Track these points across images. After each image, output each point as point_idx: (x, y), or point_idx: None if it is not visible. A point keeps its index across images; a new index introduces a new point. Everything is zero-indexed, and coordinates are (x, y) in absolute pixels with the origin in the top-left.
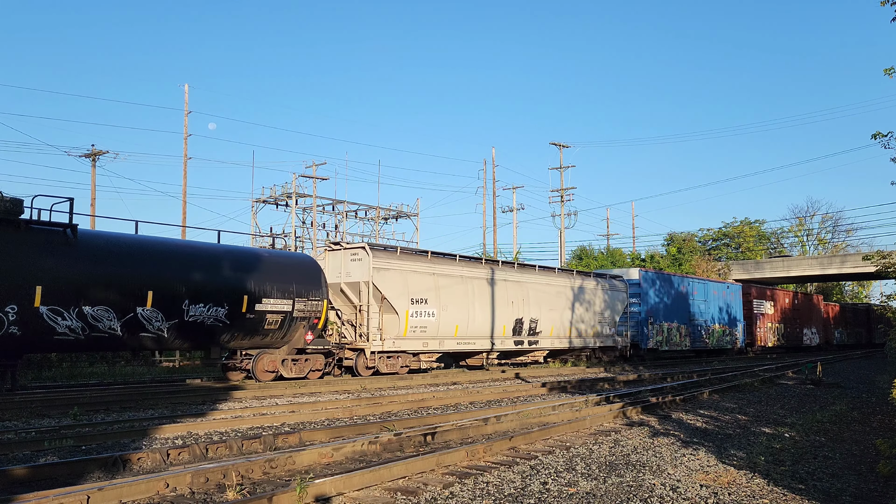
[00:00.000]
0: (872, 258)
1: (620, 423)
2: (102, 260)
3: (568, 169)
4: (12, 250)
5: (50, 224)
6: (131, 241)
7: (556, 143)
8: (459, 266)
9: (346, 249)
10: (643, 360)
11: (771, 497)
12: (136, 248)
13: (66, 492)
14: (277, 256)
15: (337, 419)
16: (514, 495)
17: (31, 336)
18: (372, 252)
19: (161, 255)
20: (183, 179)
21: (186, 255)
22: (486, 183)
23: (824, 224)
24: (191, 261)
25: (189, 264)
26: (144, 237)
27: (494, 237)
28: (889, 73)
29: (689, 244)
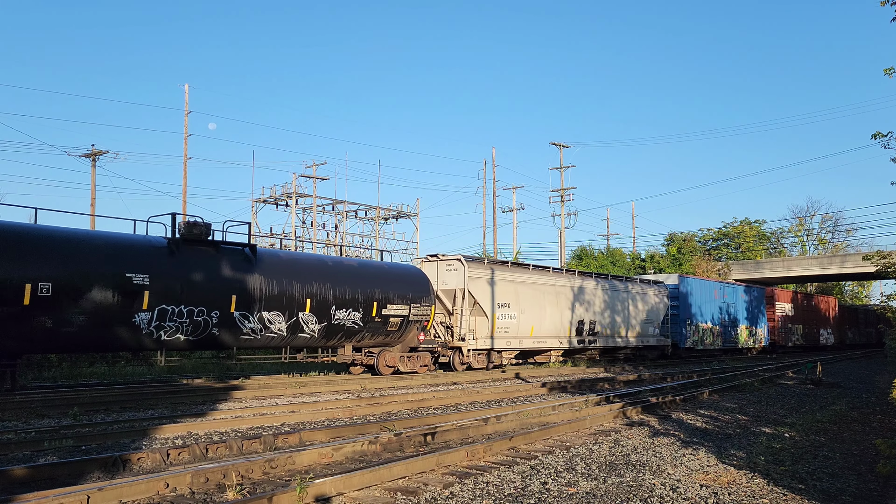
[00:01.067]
0: (872, 258)
1: (620, 423)
2: (274, 274)
3: (568, 169)
4: (214, 266)
5: (235, 244)
6: (293, 257)
7: (556, 143)
8: (533, 274)
9: (441, 261)
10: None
11: (771, 497)
12: (297, 263)
13: (66, 492)
14: (396, 268)
15: (337, 419)
16: (514, 495)
17: (226, 335)
18: (466, 263)
19: (315, 269)
20: (183, 179)
21: (333, 268)
22: (486, 183)
23: (824, 224)
24: (336, 273)
25: (335, 276)
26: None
27: (494, 237)
28: (889, 73)
29: (689, 244)
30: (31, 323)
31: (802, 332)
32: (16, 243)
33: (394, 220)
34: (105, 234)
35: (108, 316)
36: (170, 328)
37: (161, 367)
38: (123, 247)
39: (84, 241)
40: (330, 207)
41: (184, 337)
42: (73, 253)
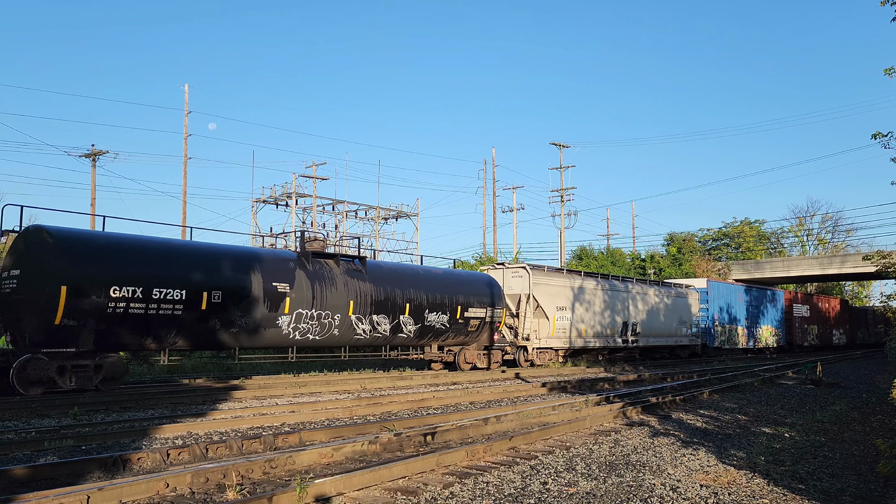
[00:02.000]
0: (872, 258)
1: (620, 423)
2: (380, 282)
3: (568, 169)
4: (335, 276)
5: (349, 256)
6: (394, 267)
7: (556, 143)
8: (585, 280)
9: (508, 268)
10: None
11: (771, 497)
12: (397, 272)
13: (66, 492)
14: (474, 276)
15: (337, 419)
16: (514, 495)
17: (344, 335)
18: (531, 271)
19: (411, 278)
20: (183, 179)
21: (424, 276)
22: (486, 183)
23: (824, 224)
24: (427, 281)
25: (427, 284)
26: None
27: (494, 237)
28: (889, 73)
29: (689, 244)
30: (207, 324)
31: (817, 332)
32: (197, 259)
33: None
34: (253, 249)
35: (260, 319)
36: (303, 329)
37: (161, 367)
38: (269, 260)
39: (239, 255)
40: (330, 207)
41: (312, 336)
42: (233, 266)
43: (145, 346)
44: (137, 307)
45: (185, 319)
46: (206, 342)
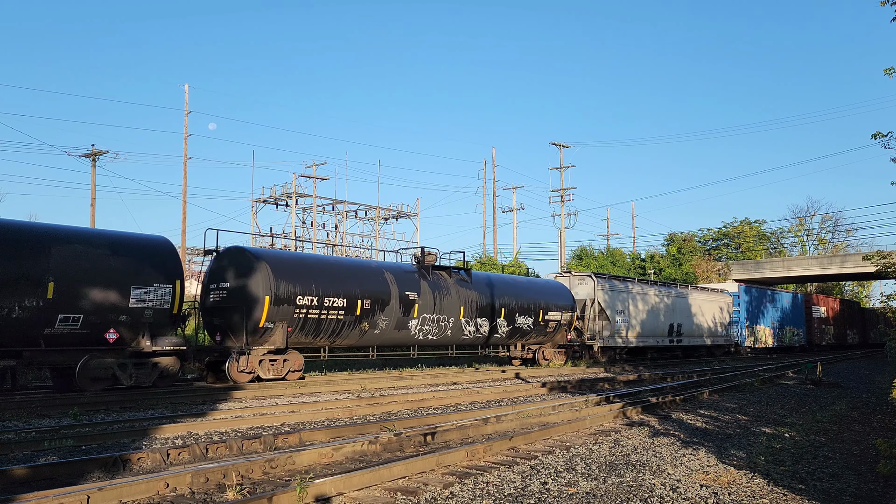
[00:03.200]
0: (872, 258)
1: (620, 423)
2: (482, 289)
3: (568, 169)
4: (448, 285)
5: (458, 268)
6: (492, 277)
7: (556, 143)
8: (638, 286)
9: (574, 276)
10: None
11: (771, 497)
12: (495, 281)
13: (66, 492)
14: (549, 283)
15: (337, 419)
16: (514, 495)
17: (455, 336)
18: (595, 278)
19: (506, 285)
20: (183, 179)
21: (513, 284)
22: (486, 183)
23: (824, 224)
24: (517, 288)
25: (517, 290)
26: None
27: (494, 237)
28: (889, 73)
29: (689, 244)
30: (359, 326)
31: (833, 332)
32: (352, 272)
33: (394, 220)
34: (388, 263)
35: (397, 322)
36: (425, 330)
37: None
38: (400, 272)
39: (380, 269)
40: (330, 207)
41: (431, 336)
42: (376, 278)
43: (315, 344)
44: (313, 313)
45: (344, 322)
46: (359, 341)
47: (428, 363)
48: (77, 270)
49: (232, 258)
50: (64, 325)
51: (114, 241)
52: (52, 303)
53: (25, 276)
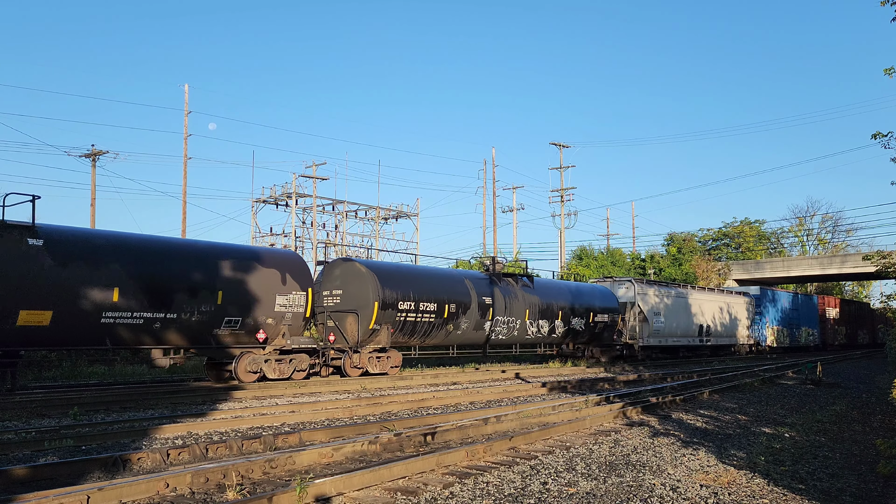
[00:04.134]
0: (872, 258)
1: (620, 423)
2: (543, 294)
3: (568, 169)
4: (515, 291)
5: (522, 275)
6: (551, 282)
7: (556, 143)
8: (672, 289)
9: (616, 281)
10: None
11: (771, 497)
12: (552, 286)
13: (66, 492)
14: (596, 287)
15: (337, 419)
16: (514, 495)
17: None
18: (636, 283)
19: (561, 290)
20: (183, 179)
21: (568, 289)
22: (486, 183)
23: (824, 224)
24: (571, 293)
25: (571, 294)
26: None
27: (494, 237)
28: (889, 73)
29: (689, 244)
30: (446, 327)
31: (845, 332)
32: (440, 280)
33: (394, 220)
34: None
35: (475, 323)
36: (497, 331)
37: (161, 367)
38: (476, 279)
39: (462, 276)
40: (330, 207)
41: (502, 337)
42: (459, 284)
43: (409, 343)
44: (411, 316)
45: (434, 324)
46: (444, 341)
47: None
48: (237, 281)
49: (343, 268)
50: (227, 326)
51: (262, 256)
52: (220, 308)
53: (204, 286)
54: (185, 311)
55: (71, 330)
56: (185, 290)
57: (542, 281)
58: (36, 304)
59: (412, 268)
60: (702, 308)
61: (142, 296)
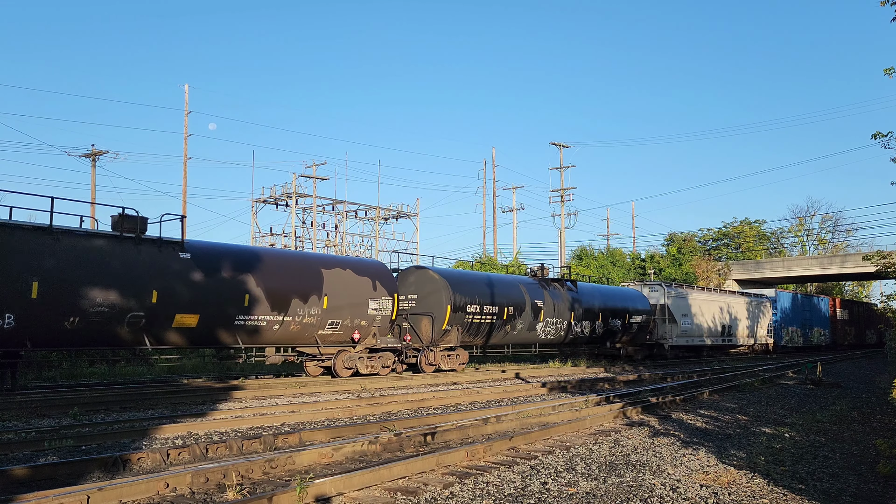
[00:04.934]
0: (872, 258)
1: (620, 423)
2: (585, 297)
3: (568, 169)
4: (562, 295)
5: (566, 280)
6: (592, 286)
7: (556, 143)
8: (698, 293)
9: (646, 285)
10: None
11: (771, 497)
12: (594, 290)
13: (66, 492)
14: (632, 292)
15: (337, 419)
16: (514, 495)
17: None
18: (665, 287)
19: (601, 294)
20: (183, 179)
21: (607, 292)
22: (486, 183)
23: (824, 224)
24: (609, 296)
25: (609, 298)
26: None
27: (494, 237)
28: (889, 73)
29: (689, 244)
30: (504, 328)
31: (854, 332)
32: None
33: (394, 220)
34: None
35: (528, 324)
36: (547, 331)
37: (161, 367)
38: (528, 285)
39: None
40: (330, 207)
41: (550, 336)
42: (515, 289)
43: (473, 342)
44: (476, 318)
45: (495, 325)
46: (502, 340)
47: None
48: (339, 288)
49: (417, 275)
50: (330, 327)
51: (357, 266)
52: (326, 312)
53: (313, 292)
54: (298, 314)
55: (212, 331)
56: (299, 296)
57: (584, 285)
58: (187, 308)
59: (477, 274)
60: (724, 310)
61: (265, 301)
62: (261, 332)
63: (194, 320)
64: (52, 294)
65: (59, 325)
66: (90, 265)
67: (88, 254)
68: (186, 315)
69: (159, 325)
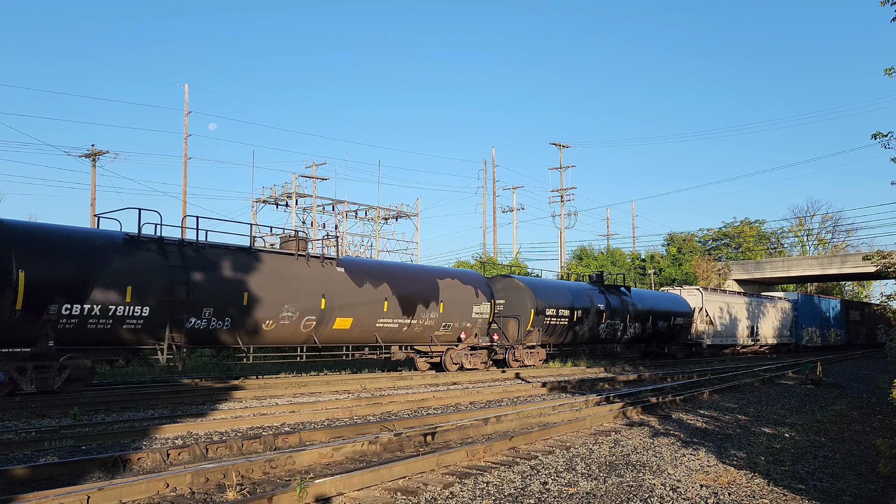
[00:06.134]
0: (872, 258)
1: (620, 423)
2: (639, 301)
3: (568, 169)
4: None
5: (621, 286)
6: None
7: (556, 143)
8: (729, 296)
9: (684, 289)
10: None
11: (771, 497)
12: (642, 295)
13: (66, 492)
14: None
15: (337, 419)
16: (514, 495)
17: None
18: (702, 291)
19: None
20: (183, 179)
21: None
22: (486, 183)
23: (824, 224)
24: (656, 300)
25: (657, 302)
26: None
27: (494, 237)
28: (889, 73)
29: (689, 244)
30: (574, 329)
31: (866, 332)
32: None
33: (394, 220)
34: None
35: (592, 325)
36: (607, 332)
37: (161, 367)
38: (591, 291)
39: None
40: (330, 207)
41: (609, 336)
42: (581, 295)
43: (548, 342)
44: (553, 320)
45: (566, 326)
46: (572, 340)
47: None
48: (451, 295)
49: (503, 283)
50: (443, 329)
51: (462, 276)
52: (441, 316)
53: (432, 299)
54: (420, 317)
55: (360, 332)
56: (422, 303)
57: (636, 291)
58: (344, 312)
59: (553, 282)
60: (752, 312)
61: (398, 307)
62: (392, 334)
63: (348, 323)
64: (256, 302)
65: (258, 328)
66: (280, 278)
67: (277, 269)
68: (343, 318)
69: (324, 327)
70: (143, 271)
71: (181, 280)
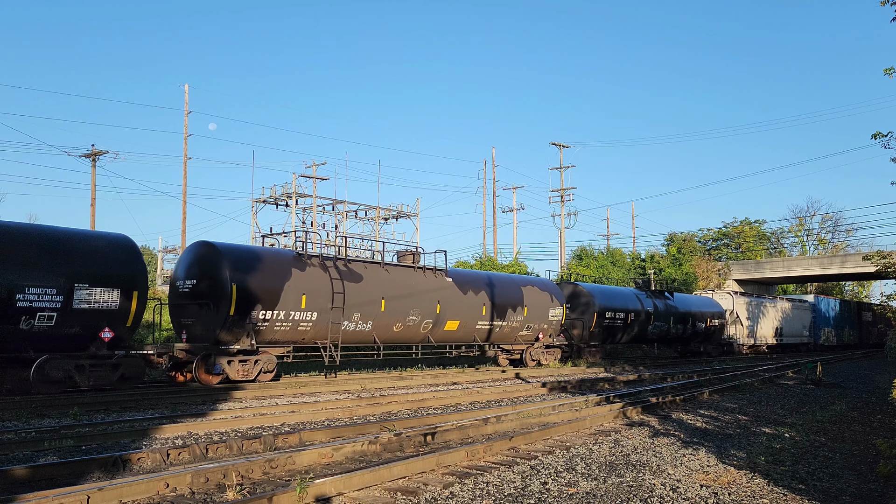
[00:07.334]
0: (872, 258)
1: (620, 423)
2: (679, 305)
3: (568, 169)
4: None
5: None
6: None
7: (556, 143)
8: (758, 300)
9: (716, 293)
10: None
11: (771, 497)
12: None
13: (66, 492)
14: (708, 300)
15: (337, 419)
16: (514, 495)
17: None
18: (733, 295)
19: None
20: (183, 179)
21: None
22: (486, 183)
23: (824, 224)
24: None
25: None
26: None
27: (494, 237)
28: (889, 73)
29: (689, 244)
30: (627, 330)
31: (877, 332)
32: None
33: (394, 220)
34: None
35: (641, 326)
36: (654, 332)
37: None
38: (640, 295)
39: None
40: (330, 207)
41: (655, 336)
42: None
43: (606, 341)
44: (610, 321)
45: (620, 327)
46: (626, 339)
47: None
48: (532, 300)
49: (569, 289)
50: (527, 330)
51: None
52: (526, 318)
53: (518, 304)
54: (509, 320)
55: (464, 333)
56: (511, 307)
57: (679, 295)
58: (453, 316)
59: (611, 288)
60: (778, 314)
61: (493, 311)
62: (488, 333)
63: (456, 325)
64: (390, 308)
65: (390, 329)
66: (405, 287)
67: (403, 279)
68: (452, 321)
69: (438, 328)
70: (313, 283)
71: (339, 290)
